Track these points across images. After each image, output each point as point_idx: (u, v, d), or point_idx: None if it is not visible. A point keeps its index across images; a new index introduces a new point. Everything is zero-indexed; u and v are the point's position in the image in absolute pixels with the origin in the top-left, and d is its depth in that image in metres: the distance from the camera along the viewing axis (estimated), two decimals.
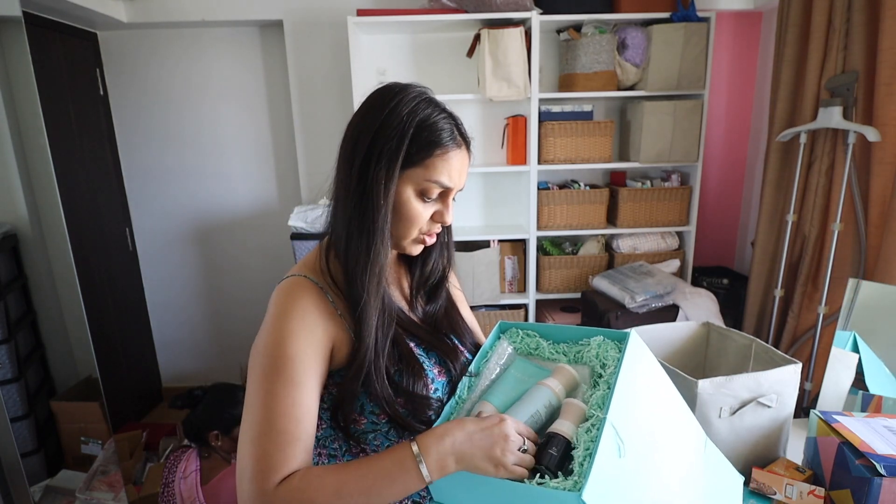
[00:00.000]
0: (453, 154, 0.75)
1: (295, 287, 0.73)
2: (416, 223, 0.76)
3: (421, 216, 0.76)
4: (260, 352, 0.70)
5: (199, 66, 2.68)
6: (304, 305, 0.72)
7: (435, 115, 0.75)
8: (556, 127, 2.40)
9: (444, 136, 0.74)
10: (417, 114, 0.73)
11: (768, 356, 1.13)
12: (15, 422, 1.93)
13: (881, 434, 0.94)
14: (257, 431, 0.66)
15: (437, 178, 0.74)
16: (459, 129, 0.78)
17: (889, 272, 1.60)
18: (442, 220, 0.78)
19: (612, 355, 0.80)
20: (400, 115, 0.72)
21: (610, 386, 0.72)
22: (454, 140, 0.75)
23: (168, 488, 1.63)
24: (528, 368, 0.81)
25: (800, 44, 1.97)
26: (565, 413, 0.69)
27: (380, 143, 0.72)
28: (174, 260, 2.93)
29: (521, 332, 0.91)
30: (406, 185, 0.74)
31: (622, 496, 0.62)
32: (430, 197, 0.75)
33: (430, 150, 0.73)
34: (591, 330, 0.86)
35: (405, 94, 0.74)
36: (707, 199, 2.71)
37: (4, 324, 1.91)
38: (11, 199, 2.04)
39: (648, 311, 2.16)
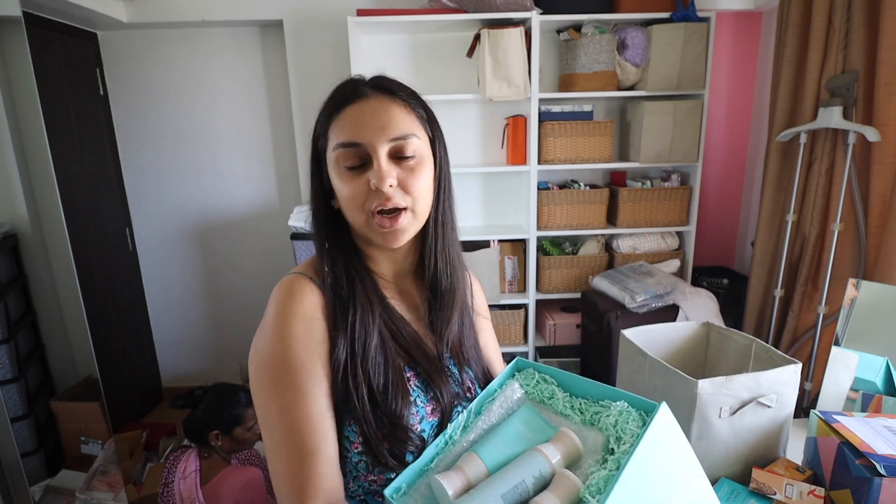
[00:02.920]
0: (350, 109, 0.70)
1: (295, 286, 0.71)
2: (353, 201, 0.70)
3: (354, 192, 0.69)
4: (263, 357, 0.68)
5: (199, 66, 2.68)
6: (305, 306, 0.69)
7: (338, 86, 0.73)
8: (556, 127, 2.40)
9: (336, 100, 0.71)
10: (329, 95, 0.73)
11: (768, 356, 1.13)
12: (15, 422, 1.93)
13: (881, 434, 0.94)
14: (279, 449, 0.65)
15: (340, 138, 0.69)
16: (360, 81, 0.73)
17: (889, 272, 1.60)
18: (374, 181, 0.68)
19: (632, 429, 0.69)
20: (322, 107, 0.74)
21: (619, 467, 0.62)
22: (351, 95, 0.70)
23: (168, 488, 1.63)
24: (534, 421, 0.72)
25: (800, 44, 1.97)
26: (555, 487, 0.61)
27: (313, 141, 0.75)
28: (174, 260, 2.93)
29: (538, 374, 0.81)
30: (330, 167, 0.72)
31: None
32: (349, 165, 0.69)
33: (329, 120, 0.71)
34: (614, 391, 0.75)
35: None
36: (707, 199, 2.71)
37: (4, 324, 1.91)
38: (11, 199, 2.04)
39: (648, 311, 2.16)
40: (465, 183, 2.70)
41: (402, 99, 0.71)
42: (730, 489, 1.01)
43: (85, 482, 1.97)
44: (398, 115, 0.70)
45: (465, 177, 2.68)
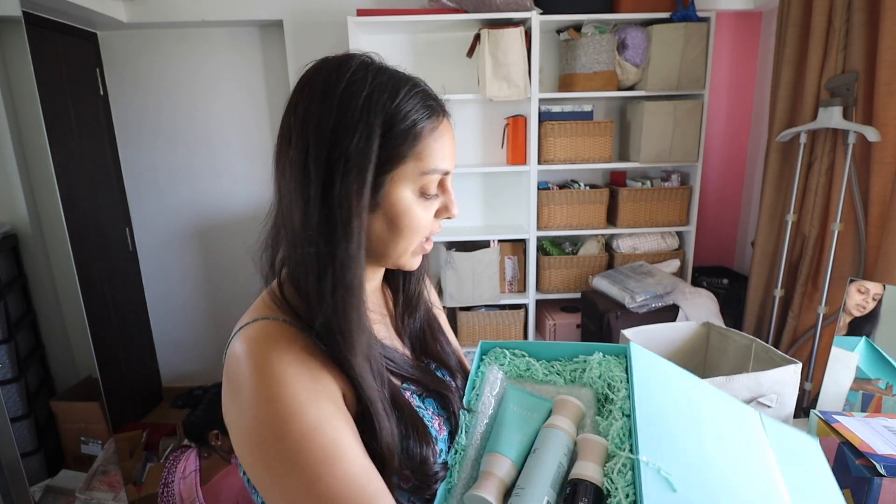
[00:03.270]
0: (442, 128, 0.61)
1: (272, 334, 0.55)
2: (420, 231, 0.61)
3: (425, 220, 0.62)
4: (260, 434, 0.52)
5: (199, 66, 2.68)
6: (295, 353, 0.54)
7: (402, 89, 0.58)
8: (556, 127, 2.40)
9: (424, 112, 0.59)
10: (382, 92, 0.57)
11: (768, 356, 1.13)
12: (15, 422, 1.93)
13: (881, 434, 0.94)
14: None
15: (434, 164, 0.59)
16: (433, 95, 0.63)
17: (889, 272, 1.60)
18: (449, 214, 0.64)
19: (618, 374, 0.70)
20: (357, 105, 0.55)
21: (625, 413, 0.64)
22: (435, 112, 0.61)
23: (168, 488, 1.63)
24: (525, 400, 0.71)
25: (800, 44, 1.97)
26: (585, 453, 0.60)
27: (341, 149, 0.55)
28: (174, 260, 2.93)
29: (508, 352, 0.80)
30: (398, 189, 0.58)
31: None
32: (430, 192, 0.61)
33: (416, 135, 0.58)
34: (584, 346, 0.76)
35: (351, 73, 0.57)
36: (707, 199, 2.71)
37: (4, 324, 1.91)
38: (11, 199, 2.04)
39: (648, 311, 2.16)
40: (465, 183, 2.70)
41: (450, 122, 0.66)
42: None
43: (85, 482, 1.97)
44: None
45: (465, 177, 2.68)
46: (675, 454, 0.57)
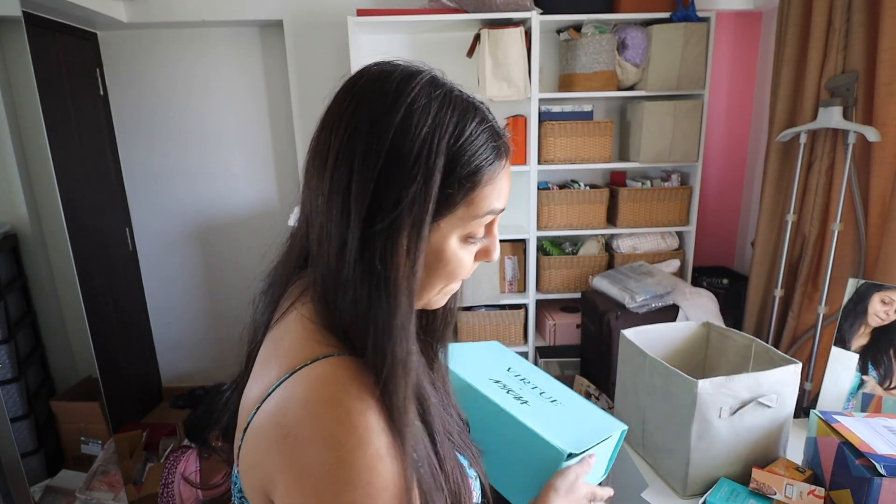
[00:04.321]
0: (502, 172, 0.52)
1: (347, 374, 0.47)
2: (459, 276, 0.55)
3: (466, 265, 0.54)
4: (343, 488, 0.43)
5: (199, 66, 2.68)
6: (370, 403, 0.46)
7: (470, 124, 0.50)
8: (556, 127, 2.40)
9: (488, 156, 0.50)
10: (445, 128, 0.48)
11: (768, 356, 1.13)
12: (15, 422, 1.93)
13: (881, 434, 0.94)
14: None
15: (488, 208, 0.52)
16: (499, 132, 0.53)
17: (889, 272, 1.60)
18: (489, 258, 0.57)
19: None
20: (417, 141, 0.47)
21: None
22: (499, 153, 0.52)
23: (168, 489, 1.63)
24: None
25: (800, 44, 1.97)
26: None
27: (392, 193, 0.47)
28: (174, 260, 2.93)
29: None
30: (444, 235, 0.51)
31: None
32: (478, 236, 0.54)
33: (476, 181, 0.50)
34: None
35: (413, 96, 0.49)
36: (707, 199, 2.71)
37: (4, 324, 1.91)
38: (11, 199, 2.04)
39: (648, 311, 2.16)
40: None
41: None
42: (730, 489, 1.01)
43: (85, 482, 1.97)
44: None
45: None
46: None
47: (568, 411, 0.85)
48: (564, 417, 0.84)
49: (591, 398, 2.14)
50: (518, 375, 0.95)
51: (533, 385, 0.92)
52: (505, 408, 0.84)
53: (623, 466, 1.28)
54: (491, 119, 0.53)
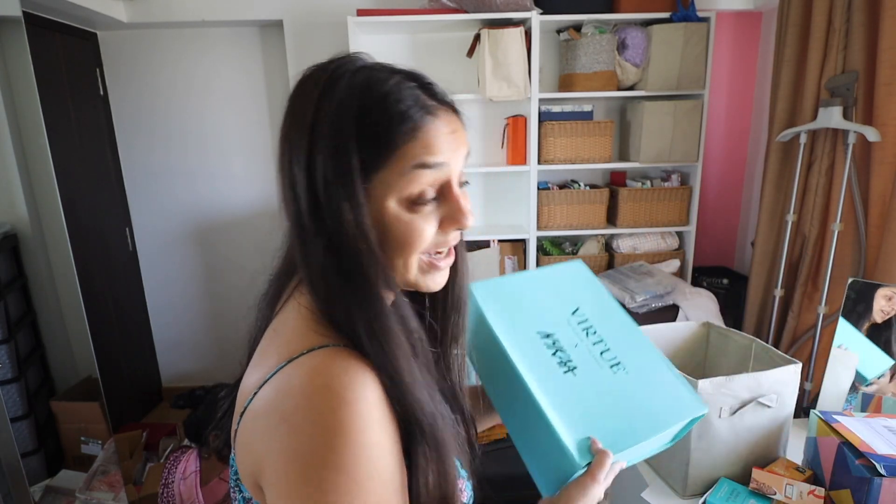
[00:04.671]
0: (428, 125, 0.52)
1: (344, 363, 0.48)
2: (413, 245, 0.53)
3: (420, 231, 0.53)
4: (329, 475, 0.44)
5: (199, 66, 2.68)
6: (371, 387, 0.48)
7: (381, 83, 0.52)
8: (556, 127, 2.40)
9: (403, 108, 0.51)
10: (354, 94, 0.51)
11: (768, 356, 1.13)
12: (15, 422, 1.93)
13: (881, 434, 0.94)
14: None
15: (412, 163, 0.51)
16: (428, 88, 0.55)
17: (889, 272, 1.60)
18: (458, 222, 0.55)
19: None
20: (331, 108, 0.50)
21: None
22: (422, 107, 0.52)
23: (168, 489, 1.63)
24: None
25: (800, 44, 1.97)
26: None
27: (319, 158, 0.50)
28: (174, 260, 2.93)
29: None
30: (382, 198, 0.52)
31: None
32: (425, 198, 0.53)
33: (392, 135, 0.50)
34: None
35: (329, 75, 0.52)
36: (707, 199, 2.71)
37: (4, 324, 1.91)
38: (11, 199, 2.04)
39: (648, 311, 2.16)
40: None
41: (459, 112, 0.58)
42: (730, 489, 1.01)
43: (85, 482, 1.97)
44: (463, 132, 0.56)
45: (466, 177, 2.68)
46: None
47: (627, 385, 0.69)
48: (615, 397, 0.67)
49: None
50: (583, 322, 0.76)
51: (597, 338, 0.74)
52: (527, 382, 0.67)
53: None
54: (421, 78, 0.55)
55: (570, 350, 0.72)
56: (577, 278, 0.83)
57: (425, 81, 0.56)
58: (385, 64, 0.56)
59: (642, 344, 0.74)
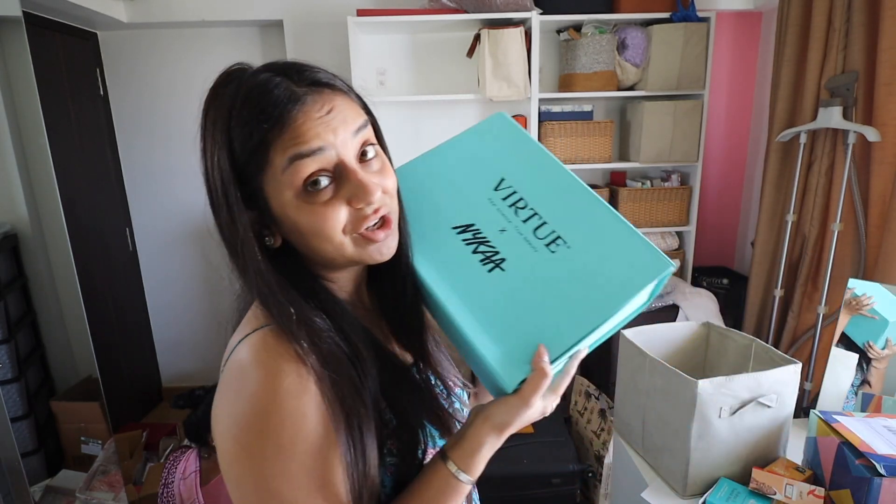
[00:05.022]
0: (294, 114, 0.52)
1: (269, 342, 0.55)
2: (327, 228, 0.54)
3: (325, 216, 0.54)
4: (254, 439, 0.51)
5: (199, 67, 2.68)
6: (290, 360, 0.53)
7: (247, 86, 0.53)
8: (556, 127, 2.40)
9: (265, 104, 0.52)
10: (224, 104, 0.53)
11: (768, 356, 1.13)
12: (15, 422, 1.93)
13: (881, 434, 0.94)
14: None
15: (288, 156, 0.52)
16: (299, 75, 0.55)
17: (889, 272, 1.60)
18: (362, 199, 0.54)
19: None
20: (207, 122, 0.55)
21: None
22: (288, 98, 0.52)
23: (168, 489, 1.63)
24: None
25: (800, 44, 1.97)
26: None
27: (207, 170, 0.55)
28: (174, 260, 2.93)
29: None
30: (279, 196, 0.54)
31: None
32: (319, 185, 0.53)
33: (261, 134, 0.51)
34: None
35: (208, 93, 0.56)
36: (707, 199, 2.71)
37: (4, 324, 1.91)
38: (11, 199, 2.04)
39: (648, 310, 2.16)
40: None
41: (340, 89, 0.57)
42: (730, 489, 1.01)
43: (85, 482, 1.97)
44: (347, 106, 0.56)
45: None
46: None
47: (570, 263, 0.57)
48: (555, 284, 0.56)
49: (591, 398, 2.14)
50: (510, 196, 0.63)
51: (529, 213, 0.61)
52: (442, 300, 0.59)
53: (623, 466, 1.28)
54: (283, 76, 0.55)
55: (494, 239, 0.60)
56: (500, 137, 0.69)
57: (298, 68, 0.56)
58: (263, 65, 0.57)
59: (586, 204, 0.61)
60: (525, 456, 1.88)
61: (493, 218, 0.62)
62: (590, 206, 0.61)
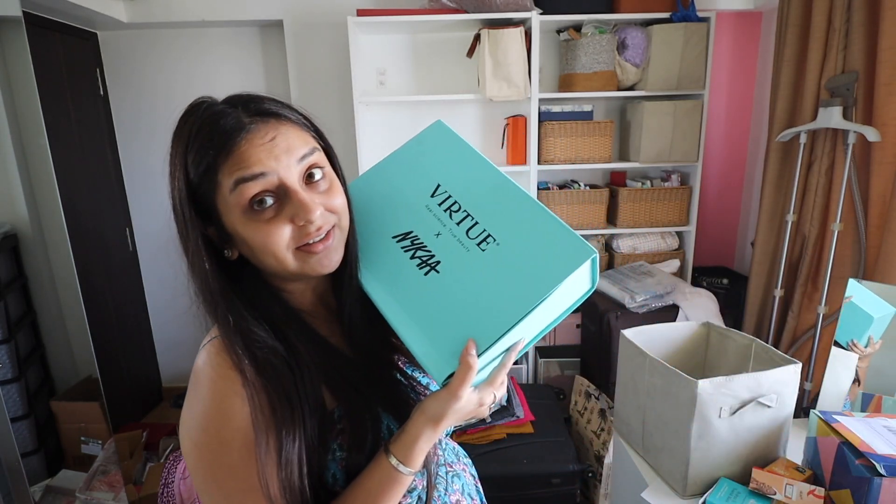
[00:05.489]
0: (239, 142, 0.57)
1: (214, 352, 0.65)
2: (272, 244, 0.60)
3: (268, 233, 0.59)
4: (202, 439, 0.61)
5: (199, 67, 2.68)
6: (224, 368, 0.64)
7: (202, 118, 0.59)
8: (556, 127, 2.40)
9: (214, 134, 0.58)
10: (183, 134, 0.60)
11: (768, 356, 1.13)
12: (15, 422, 1.94)
13: (881, 434, 0.94)
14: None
15: (233, 180, 0.57)
16: (248, 107, 0.60)
17: (889, 272, 1.60)
18: (302, 217, 0.59)
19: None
20: (172, 151, 0.60)
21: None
22: (235, 128, 0.58)
23: (168, 489, 1.62)
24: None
25: (800, 44, 1.97)
26: None
27: (172, 191, 0.61)
28: (174, 260, 2.91)
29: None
30: (230, 214, 0.60)
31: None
32: (264, 205, 0.59)
33: (211, 160, 0.58)
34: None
35: (177, 125, 0.62)
36: (707, 199, 2.71)
37: (4, 324, 1.91)
38: (11, 199, 2.04)
39: (648, 311, 2.16)
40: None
41: (287, 118, 0.62)
42: (730, 489, 1.01)
43: (85, 482, 1.98)
44: (294, 134, 0.61)
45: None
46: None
47: (498, 259, 0.61)
48: (486, 280, 0.60)
49: (591, 398, 2.14)
50: (445, 201, 0.67)
51: (462, 215, 0.65)
52: (380, 304, 0.64)
53: (623, 466, 1.28)
54: (235, 108, 0.60)
55: (430, 243, 0.65)
56: (438, 145, 0.73)
57: (248, 100, 0.61)
58: (225, 97, 0.63)
59: (515, 202, 0.64)
60: (525, 456, 1.88)
61: (429, 223, 0.66)
62: (519, 204, 0.64)
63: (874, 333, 1.23)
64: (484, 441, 1.94)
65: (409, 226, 0.67)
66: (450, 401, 0.57)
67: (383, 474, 0.61)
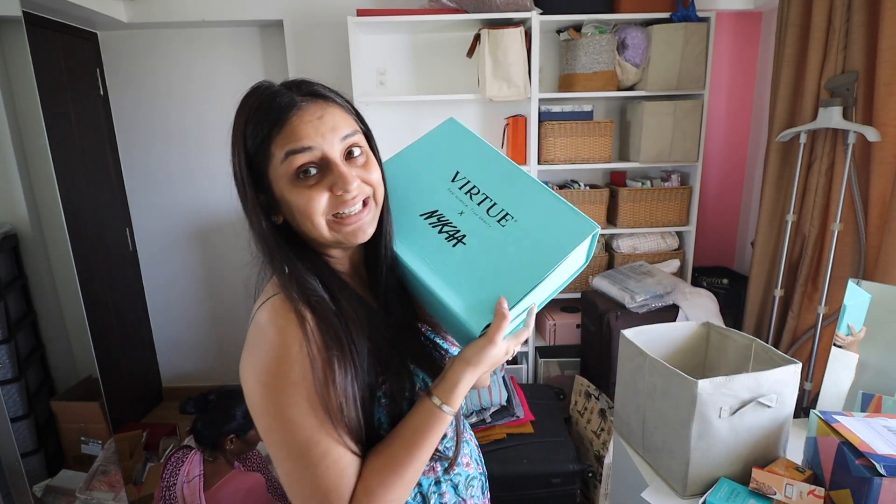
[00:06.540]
0: (292, 118, 0.66)
1: (278, 308, 0.69)
2: (311, 210, 0.68)
3: (308, 199, 0.68)
4: (270, 379, 0.67)
5: (199, 66, 2.68)
6: (291, 321, 0.68)
7: (262, 96, 0.69)
8: (556, 127, 2.40)
9: (271, 110, 0.67)
10: (244, 111, 0.69)
11: (768, 356, 1.13)
12: (15, 422, 1.94)
13: (881, 434, 0.94)
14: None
15: (284, 151, 0.66)
16: (300, 87, 0.70)
17: (889, 272, 1.60)
18: (340, 187, 0.68)
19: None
20: (235, 124, 0.70)
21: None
22: (288, 105, 0.67)
23: (170, 491, 1.62)
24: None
25: (800, 44, 1.97)
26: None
27: (232, 162, 0.71)
28: (174, 260, 2.93)
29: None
30: (280, 182, 0.69)
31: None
32: (309, 174, 0.68)
33: (266, 133, 0.67)
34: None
35: (239, 102, 0.72)
36: (707, 199, 2.71)
37: (4, 324, 1.91)
38: (11, 199, 2.04)
39: (648, 311, 2.16)
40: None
41: (335, 101, 0.71)
42: (730, 489, 1.01)
43: (85, 482, 1.98)
44: (339, 116, 0.70)
45: None
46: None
47: (517, 233, 0.72)
48: (507, 250, 0.71)
49: (591, 398, 2.14)
50: (465, 185, 0.78)
51: (481, 197, 0.76)
52: (416, 271, 0.73)
53: (623, 466, 1.28)
54: (289, 89, 0.69)
55: (455, 220, 0.75)
56: (453, 139, 0.84)
57: (301, 83, 0.70)
58: (282, 82, 0.72)
59: (526, 186, 0.76)
60: (525, 456, 1.88)
61: (452, 204, 0.77)
62: (529, 187, 0.76)
63: (854, 322, 1.23)
64: (484, 441, 1.94)
65: (434, 205, 0.78)
66: (487, 346, 0.68)
67: (427, 413, 0.69)
